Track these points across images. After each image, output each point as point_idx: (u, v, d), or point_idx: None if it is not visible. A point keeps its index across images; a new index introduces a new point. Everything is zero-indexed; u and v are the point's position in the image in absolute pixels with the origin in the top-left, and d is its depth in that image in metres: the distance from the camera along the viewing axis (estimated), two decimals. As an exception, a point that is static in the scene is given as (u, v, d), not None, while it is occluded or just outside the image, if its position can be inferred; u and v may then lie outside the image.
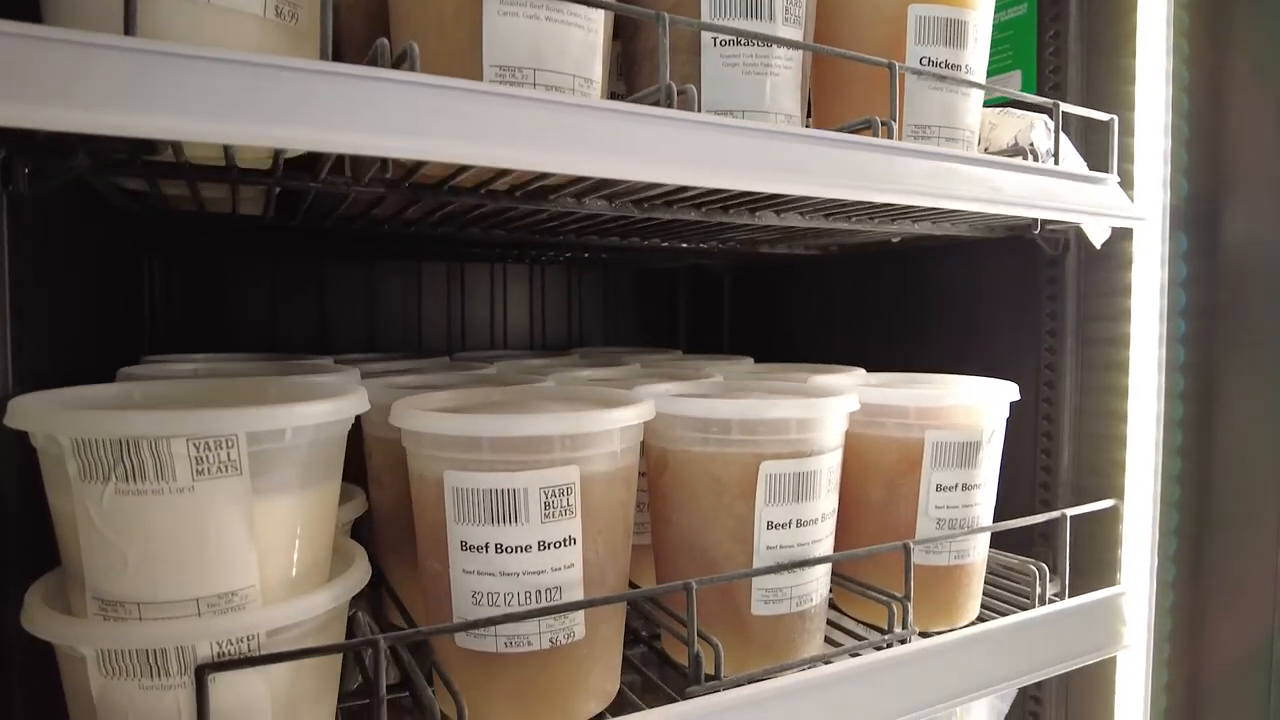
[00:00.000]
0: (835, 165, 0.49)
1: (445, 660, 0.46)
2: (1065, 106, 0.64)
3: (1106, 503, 0.69)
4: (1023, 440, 0.77)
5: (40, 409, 0.37)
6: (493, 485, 0.44)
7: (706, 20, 0.53)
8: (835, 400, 0.54)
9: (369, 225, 0.70)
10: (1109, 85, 0.72)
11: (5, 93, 0.30)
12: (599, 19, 0.47)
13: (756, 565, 0.52)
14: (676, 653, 0.55)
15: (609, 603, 0.47)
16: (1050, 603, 0.62)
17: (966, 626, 0.60)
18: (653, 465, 0.56)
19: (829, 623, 0.59)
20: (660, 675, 0.53)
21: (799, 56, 0.56)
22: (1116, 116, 0.66)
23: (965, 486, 0.61)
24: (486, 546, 0.44)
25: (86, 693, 0.37)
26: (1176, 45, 0.67)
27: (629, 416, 0.48)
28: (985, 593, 0.66)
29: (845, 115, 0.58)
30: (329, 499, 0.43)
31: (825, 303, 1.08)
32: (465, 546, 0.45)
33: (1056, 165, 0.63)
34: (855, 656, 0.53)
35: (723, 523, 0.52)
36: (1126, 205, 0.64)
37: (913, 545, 0.56)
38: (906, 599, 0.55)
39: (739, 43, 0.53)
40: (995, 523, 0.63)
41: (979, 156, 0.56)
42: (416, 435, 0.47)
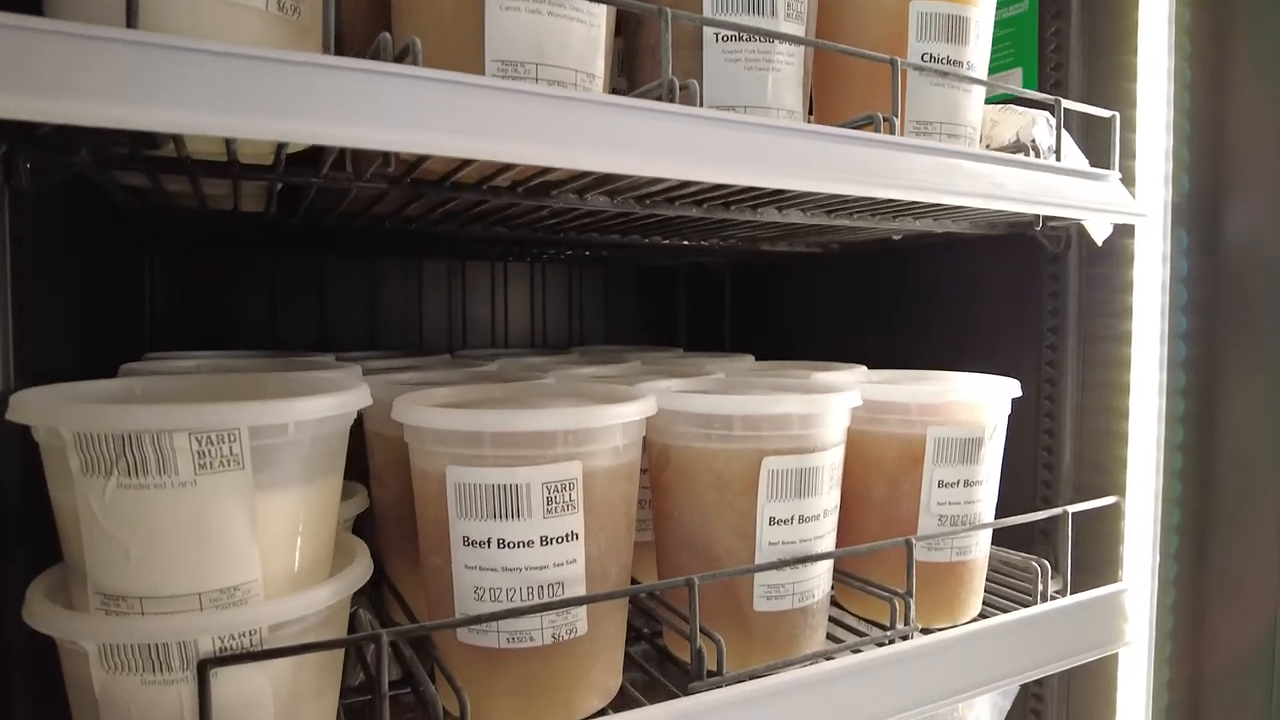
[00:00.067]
0: (838, 160, 0.49)
1: (447, 656, 0.46)
2: (1067, 103, 0.64)
3: (1108, 499, 0.69)
4: (1024, 437, 0.77)
5: (42, 402, 0.37)
6: (495, 480, 0.44)
7: (709, 16, 0.52)
8: (837, 396, 0.54)
9: (370, 223, 0.70)
10: (1110, 82, 0.72)
11: (6, 85, 0.30)
12: (601, 14, 0.47)
13: (759, 561, 0.52)
14: (678, 649, 0.55)
15: (611, 598, 0.47)
16: (1052, 600, 0.62)
17: (968, 623, 0.60)
18: (655, 461, 0.56)
19: (831, 619, 0.59)
20: (662, 672, 0.53)
21: (801, 52, 0.56)
22: (1118, 113, 0.66)
23: (967, 483, 0.60)
24: (489, 542, 0.44)
25: (88, 687, 0.37)
26: (1178, 42, 0.67)
27: (631, 412, 0.48)
28: (987, 590, 0.66)
29: (847, 111, 0.57)
30: (331, 494, 0.43)
31: (826, 301, 1.08)
32: (467, 542, 0.45)
33: (1058, 162, 0.63)
34: (857, 653, 0.53)
35: (725, 519, 0.52)
36: (1128, 202, 0.64)
37: (915, 541, 0.56)
38: (909, 595, 0.55)
39: (741, 38, 0.53)
40: (997, 519, 0.63)
41: (981, 153, 0.56)
42: (419, 431, 0.46)
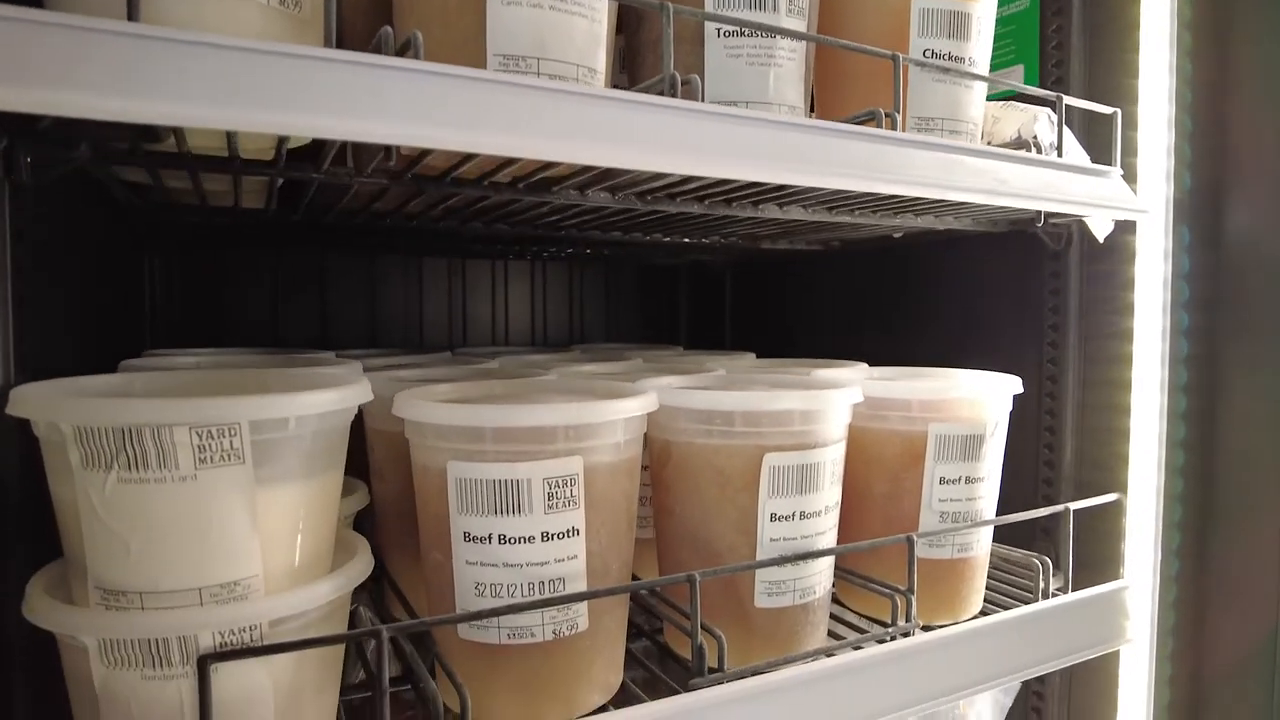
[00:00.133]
0: (839, 156, 0.49)
1: (448, 652, 0.46)
2: (1068, 100, 0.64)
3: (1110, 497, 0.69)
4: (1025, 435, 0.76)
5: (42, 397, 0.36)
6: (496, 476, 0.44)
7: (710, 11, 0.52)
8: (839, 392, 0.54)
9: (371, 220, 0.70)
10: (1112, 78, 0.72)
11: (7, 77, 0.29)
12: (603, 9, 0.47)
13: (760, 557, 0.52)
14: (679, 646, 0.55)
15: (612, 594, 0.47)
16: (1053, 597, 0.62)
17: (970, 620, 0.60)
18: (656, 457, 0.56)
19: (832, 616, 0.59)
20: (663, 669, 0.53)
21: (803, 48, 0.56)
22: (1119, 110, 0.66)
23: (968, 480, 0.60)
24: (489, 537, 0.44)
25: (89, 683, 0.37)
26: (1179, 38, 0.67)
27: (633, 407, 0.48)
28: (988, 587, 0.66)
29: (848, 108, 0.57)
30: (332, 489, 0.43)
31: (827, 299, 1.08)
32: (468, 537, 0.45)
33: (1060, 158, 0.62)
34: (858, 649, 0.53)
35: (726, 515, 0.52)
36: (1130, 198, 0.64)
37: (916, 538, 0.56)
38: (910, 592, 0.55)
39: (743, 34, 0.53)
40: (998, 517, 0.63)
41: (983, 149, 0.56)
42: (420, 426, 0.46)
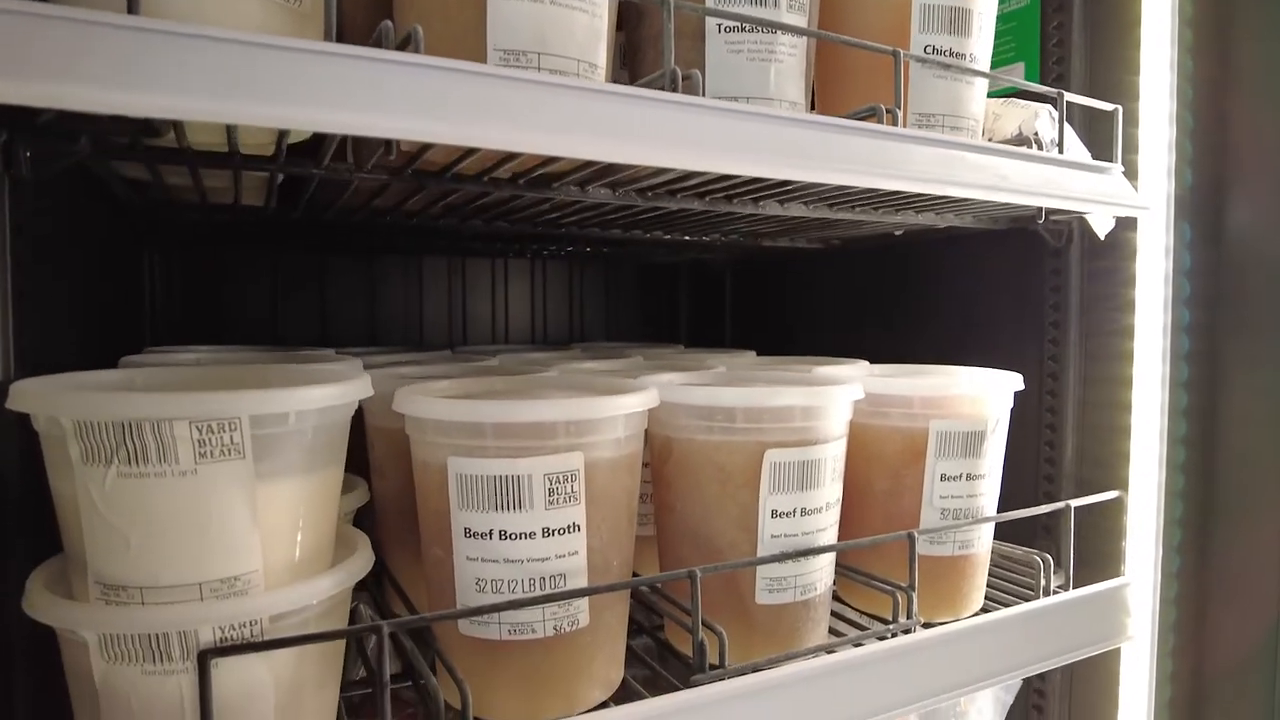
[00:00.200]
0: (840, 151, 0.49)
1: (449, 648, 0.46)
2: (1070, 96, 0.64)
3: (1110, 494, 0.69)
4: (1026, 432, 0.76)
5: (42, 391, 0.36)
6: (497, 471, 0.44)
7: (711, 6, 0.52)
8: (840, 389, 0.54)
9: (370, 217, 0.70)
10: (1113, 75, 0.72)
11: (7, 70, 0.29)
12: (603, 4, 0.47)
13: (761, 554, 0.52)
14: (680, 642, 0.55)
15: (613, 590, 0.47)
16: (1054, 594, 0.62)
17: (971, 617, 0.60)
18: (657, 454, 0.55)
19: (833, 613, 0.59)
20: (663, 666, 0.53)
21: (803, 44, 0.56)
22: (1120, 106, 0.65)
23: (970, 476, 0.60)
24: (490, 533, 0.44)
25: (89, 678, 0.36)
26: (1180, 35, 0.67)
27: (633, 403, 0.47)
28: (989, 584, 0.65)
29: (849, 104, 0.57)
30: (332, 484, 0.43)
31: (827, 297, 1.08)
32: (469, 533, 0.44)
33: (1061, 155, 0.62)
34: (859, 646, 0.52)
35: (727, 511, 0.52)
36: (1131, 194, 0.64)
37: (917, 535, 0.56)
38: (911, 589, 0.55)
39: (743, 29, 0.53)
40: (999, 514, 0.63)
41: (984, 145, 0.56)
42: (420, 422, 0.46)
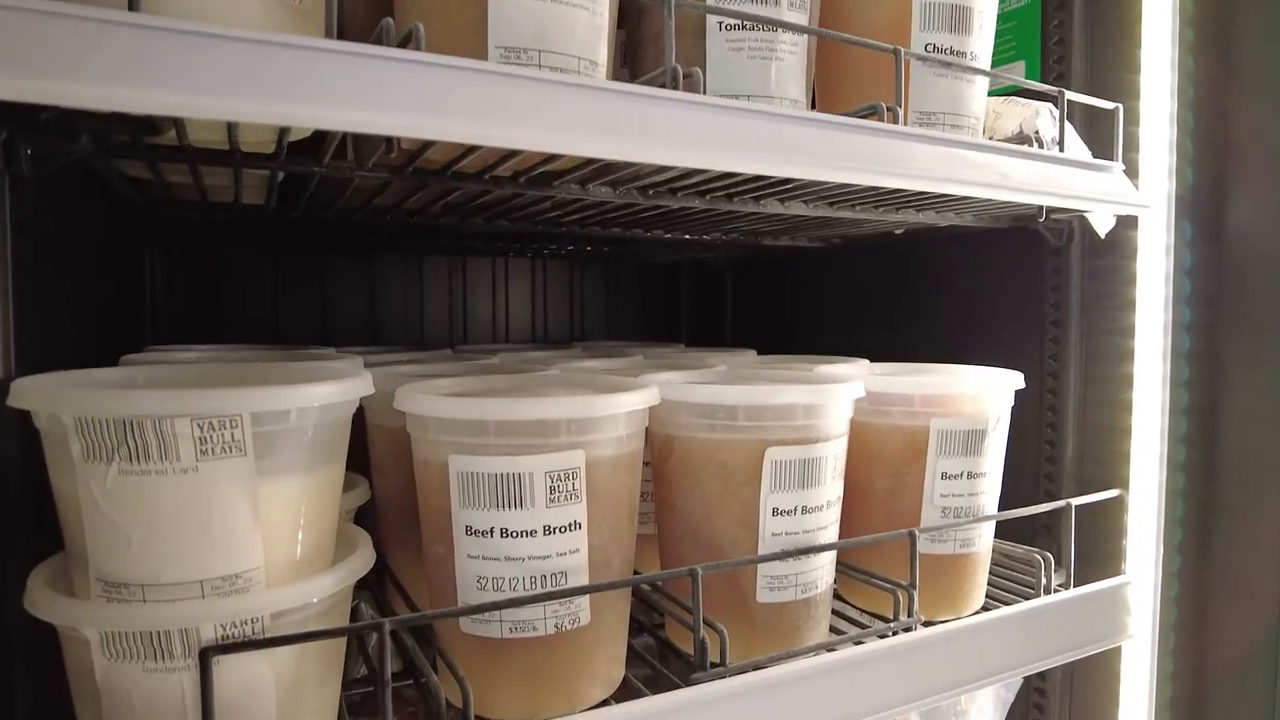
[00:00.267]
0: (841, 149, 0.49)
1: (450, 646, 0.46)
2: (1070, 95, 0.64)
3: (1111, 493, 0.69)
4: (1027, 431, 0.76)
5: (44, 388, 0.36)
6: (498, 469, 0.44)
7: (712, 4, 0.52)
8: (841, 387, 0.54)
9: (371, 216, 0.70)
10: (1113, 74, 0.72)
11: (9, 67, 0.29)
12: (605, 1, 0.47)
13: (762, 552, 0.52)
14: (681, 640, 0.55)
15: (614, 588, 0.47)
16: (1055, 592, 0.62)
17: (972, 616, 0.60)
18: (658, 452, 0.56)
19: (834, 612, 0.59)
20: (664, 664, 0.53)
21: (804, 42, 0.56)
22: (1121, 105, 0.65)
23: (970, 475, 0.60)
24: (491, 531, 0.44)
25: (90, 675, 0.36)
26: (1181, 34, 0.67)
27: (634, 401, 0.47)
28: (990, 583, 0.65)
29: (850, 102, 0.57)
30: (334, 482, 0.43)
31: (827, 296, 1.08)
32: (470, 531, 0.44)
33: (1061, 153, 0.62)
34: (860, 644, 0.52)
35: (728, 509, 0.52)
36: (1131, 193, 0.64)
37: (918, 533, 0.56)
38: (912, 587, 0.55)
39: (744, 27, 0.53)
40: (1000, 512, 0.63)
41: (985, 143, 0.56)
42: (421, 420, 0.46)
